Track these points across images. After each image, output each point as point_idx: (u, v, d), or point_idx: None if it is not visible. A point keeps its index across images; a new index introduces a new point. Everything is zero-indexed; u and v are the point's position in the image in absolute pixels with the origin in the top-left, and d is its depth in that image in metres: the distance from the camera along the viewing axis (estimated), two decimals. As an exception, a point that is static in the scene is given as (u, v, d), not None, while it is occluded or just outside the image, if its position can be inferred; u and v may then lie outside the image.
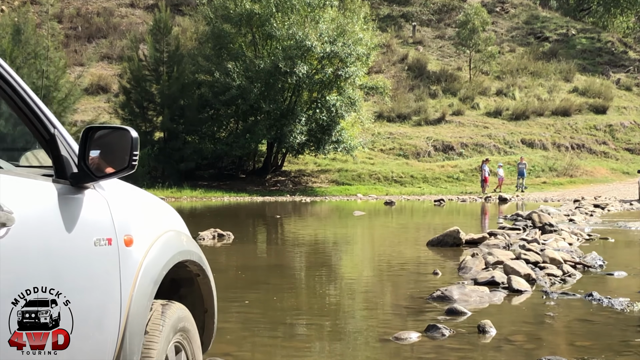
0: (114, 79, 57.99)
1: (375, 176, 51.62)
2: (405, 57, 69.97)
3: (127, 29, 65.88)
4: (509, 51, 74.07)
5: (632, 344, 7.36)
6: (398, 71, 68.19)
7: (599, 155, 59.79)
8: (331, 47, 45.81)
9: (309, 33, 45.59)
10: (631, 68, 73.32)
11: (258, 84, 46.30)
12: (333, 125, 47.74)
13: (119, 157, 3.45)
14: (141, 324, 3.63)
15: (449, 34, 74.81)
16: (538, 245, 14.67)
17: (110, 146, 3.45)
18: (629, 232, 21.16)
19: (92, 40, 67.34)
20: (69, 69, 51.88)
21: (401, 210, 36.24)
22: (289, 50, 45.80)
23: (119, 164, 3.44)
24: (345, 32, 46.38)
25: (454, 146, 57.67)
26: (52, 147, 3.35)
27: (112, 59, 64.06)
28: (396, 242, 20.35)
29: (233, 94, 45.88)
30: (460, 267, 12.84)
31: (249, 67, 46.42)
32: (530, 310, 9.26)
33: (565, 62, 70.93)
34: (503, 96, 65.86)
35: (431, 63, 69.89)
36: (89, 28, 68.57)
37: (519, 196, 45.95)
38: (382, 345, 7.36)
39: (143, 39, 54.88)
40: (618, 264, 13.50)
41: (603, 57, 75.31)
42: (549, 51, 73.96)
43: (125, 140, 3.44)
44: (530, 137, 59.81)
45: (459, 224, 19.56)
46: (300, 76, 45.71)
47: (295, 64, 45.45)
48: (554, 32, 78.73)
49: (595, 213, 29.30)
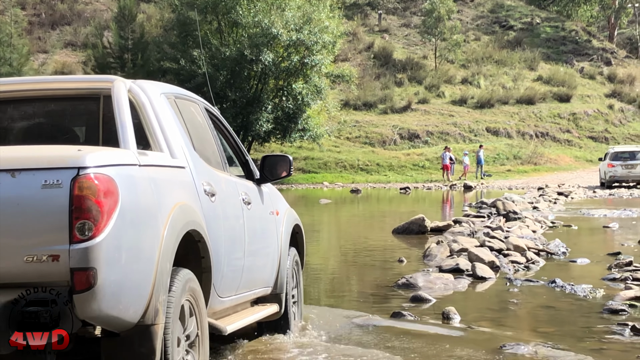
0: (78, 66, 57.51)
1: (341, 164, 51.72)
2: (371, 46, 70.03)
3: (92, 16, 65.35)
4: (474, 40, 74.38)
5: (594, 330, 7.45)
6: (364, 59, 68.25)
7: (562, 144, 60.29)
8: (297, 35, 45.75)
9: (275, 21, 45.49)
10: (595, 57, 73.91)
11: (224, 71, 46.16)
12: (299, 113, 47.72)
13: (283, 169, 6.64)
14: (288, 259, 7.08)
15: (414, 22, 74.97)
16: (502, 233, 14.77)
17: (277, 163, 6.66)
18: (592, 220, 21.38)
19: (56, 27, 66.75)
20: (33, 56, 51.46)
21: (367, 198, 36.36)
22: (255, 38, 45.70)
23: (285, 172, 6.66)
24: (311, 20, 46.32)
25: (419, 134, 57.88)
26: (246, 166, 6.70)
27: (76, 46, 63.53)
28: (362, 229, 20.41)
29: (199, 81, 45.70)
30: (425, 254, 12.91)
31: (215, 55, 46.25)
32: (494, 297, 9.34)
33: (529, 51, 71.35)
34: (468, 84, 66.18)
35: (397, 51, 70.01)
36: (53, 15, 67.94)
37: (484, 184, 46.23)
38: (348, 333, 7.39)
39: (107, 26, 54.54)
40: (581, 251, 13.63)
41: (567, 45, 75.86)
42: (514, 40, 74.36)
43: (286, 160, 6.68)
44: (495, 126, 60.17)
45: (425, 211, 19.66)
46: (266, 64, 45.64)
47: (261, 51, 45.36)
48: (519, 20, 79.14)
49: (558, 201, 29.54)
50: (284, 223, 7.03)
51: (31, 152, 4.38)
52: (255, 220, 6.32)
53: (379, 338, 7.15)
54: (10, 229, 3.95)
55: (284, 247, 6.94)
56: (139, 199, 4.34)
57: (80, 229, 3.94)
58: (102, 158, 4.14)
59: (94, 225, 3.95)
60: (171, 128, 5.18)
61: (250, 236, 6.09)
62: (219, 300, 5.44)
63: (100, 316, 4.02)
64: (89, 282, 3.92)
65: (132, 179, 4.31)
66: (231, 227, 5.72)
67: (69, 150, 4.28)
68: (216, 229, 5.28)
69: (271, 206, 6.82)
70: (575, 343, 6.92)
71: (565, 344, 6.82)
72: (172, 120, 5.24)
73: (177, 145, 5.14)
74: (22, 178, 4.00)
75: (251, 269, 6.15)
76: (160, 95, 5.34)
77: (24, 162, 4.08)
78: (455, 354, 6.55)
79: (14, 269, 3.94)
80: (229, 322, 5.70)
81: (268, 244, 6.65)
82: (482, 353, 6.57)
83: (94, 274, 3.92)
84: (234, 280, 5.75)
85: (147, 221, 4.37)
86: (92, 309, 3.96)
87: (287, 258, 6.96)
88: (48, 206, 3.96)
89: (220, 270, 5.31)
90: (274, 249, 6.76)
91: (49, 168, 4.01)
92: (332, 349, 6.57)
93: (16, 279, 3.95)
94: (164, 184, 4.69)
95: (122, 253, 4.09)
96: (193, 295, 4.81)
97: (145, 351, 4.32)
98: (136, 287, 4.20)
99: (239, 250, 5.85)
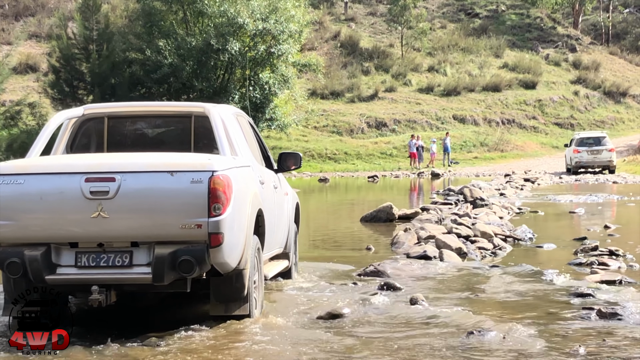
0: (42, 58, 56.94)
1: (309, 153, 51.66)
2: (338, 34, 69.98)
3: (56, 6, 64.72)
4: (440, 27, 74.54)
5: (561, 315, 7.52)
6: (331, 48, 68.18)
7: (529, 130, 60.64)
8: (263, 24, 45.59)
9: (240, 10, 45.30)
10: (560, 43, 74.35)
11: (190, 61, 45.94)
12: (266, 103, 47.57)
13: (294, 162, 9.00)
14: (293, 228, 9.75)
15: (380, 10, 74.99)
16: (469, 220, 14.84)
17: (290, 158, 9.01)
18: (558, 205, 21.54)
19: (20, 19, 66.07)
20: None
21: (335, 186, 36.41)
22: (221, 28, 45.49)
23: (295, 165, 9.01)
24: (277, 9, 46.16)
25: (387, 123, 57.97)
26: (268, 160, 8.89)
27: (40, 38, 62.93)
28: (330, 218, 20.44)
29: (165, 72, 45.44)
30: (393, 242, 12.95)
31: (181, 45, 46.00)
32: (462, 284, 9.38)
33: (495, 38, 71.63)
34: (435, 72, 66.33)
35: (363, 40, 70.01)
36: (17, 6, 67.22)
37: (451, 171, 46.43)
38: (316, 322, 7.41)
39: (72, 16, 53.96)
40: (547, 237, 13.75)
41: (532, 32, 76.24)
42: (479, 27, 74.61)
43: (297, 156, 9.07)
44: (462, 113, 60.40)
45: (392, 199, 19.71)
46: (233, 54, 45.47)
47: (228, 41, 45.17)
48: (484, 8, 79.42)
49: (525, 187, 29.74)
50: (290, 201, 9.69)
51: (181, 159, 6.98)
52: (279, 199, 8.90)
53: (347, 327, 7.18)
54: (171, 208, 6.62)
55: (291, 219, 9.70)
56: (240, 189, 6.96)
57: (214, 209, 6.61)
58: (224, 164, 6.87)
59: (222, 207, 6.64)
60: (240, 139, 7.90)
61: (277, 210, 8.68)
62: (264, 256, 7.88)
63: (221, 262, 6.73)
64: (218, 241, 6.61)
65: (236, 176, 6.94)
66: (270, 204, 8.22)
67: (204, 158, 6.97)
68: (266, 206, 7.83)
69: (284, 189, 9.40)
70: (542, 327, 6.97)
71: (533, 329, 6.87)
72: (239, 132, 8.02)
73: (244, 151, 7.83)
74: (178, 176, 6.66)
75: (276, 233, 8.67)
76: (231, 115, 8.07)
77: (179, 166, 6.73)
78: (423, 341, 6.58)
79: (174, 232, 6.61)
80: (266, 271, 8.36)
81: (284, 217, 9.15)
82: (449, 339, 6.60)
83: (222, 236, 6.62)
84: (269, 242, 8.15)
85: (243, 204, 7.03)
86: (218, 258, 6.67)
87: (292, 227, 9.71)
88: (194, 195, 6.62)
89: (266, 235, 7.84)
90: (286, 220, 9.34)
91: (195, 170, 6.68)
92: (320, 283, 9.61)
93: (175, 239, 6.62)
94: (245, 178, 7.30)
95: (234, 224, 6.79)
96: (258, 253, 7.50)
97: (239, 286, 7.06)
98: (238, 245, 6.87)
99: (273, 221, 8.29)
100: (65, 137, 8.02)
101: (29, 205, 6.67)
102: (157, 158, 7.08)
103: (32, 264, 6.53)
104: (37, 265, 6.53)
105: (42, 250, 6.59)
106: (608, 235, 14.00)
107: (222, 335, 6.81)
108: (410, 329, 7.06)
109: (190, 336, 6.76)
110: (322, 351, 6.33)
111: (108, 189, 6.57)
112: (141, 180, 6.66)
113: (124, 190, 6.58)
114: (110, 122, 8.33)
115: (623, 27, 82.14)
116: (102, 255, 6.67)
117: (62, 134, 8.03)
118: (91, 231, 6.62)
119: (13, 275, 6.65)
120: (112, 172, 6.65)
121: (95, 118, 8.25)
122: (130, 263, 6.65)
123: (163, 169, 6.70)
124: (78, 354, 6.27)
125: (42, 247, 6.61)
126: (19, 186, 6.67)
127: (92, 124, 8.27)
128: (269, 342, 6.53)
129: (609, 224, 15.48)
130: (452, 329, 6.98)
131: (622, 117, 64.59)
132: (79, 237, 6.69)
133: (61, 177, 6.70)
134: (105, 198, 6.56)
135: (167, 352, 6.32)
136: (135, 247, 6.68)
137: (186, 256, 6.53)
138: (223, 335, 6.80)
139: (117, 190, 6.57)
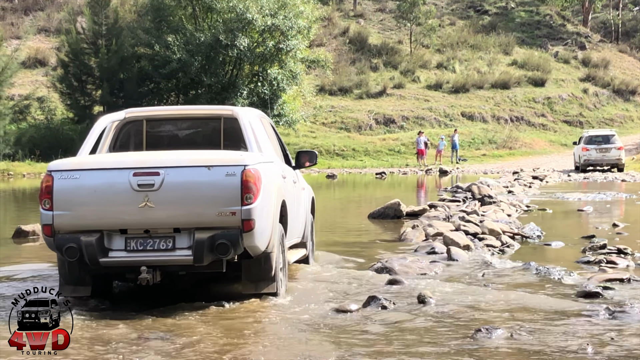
0: (51, 52, 57.05)
1: (317, 149, 51.60)
2: (347, 31, 69.94)
3: (65, 1, 64.84)
4: (449, 24, 74.46)
5: (569, 312, 7.49)
6: (339, 44, 68.16)
7: (537, 128, 60.54)
8: (272, 20, 45.60)
9: (249, 6, 45.33)
10: (569, 41, 74.19)
11: (199, 57, 45.98)
12: (275, 99, 47.59)
13: (310, 160, 9.92)
14: (309, 217, 10.55)
15: (389, 7, 74.92)
16: (477, 217, 14.80)
17: (307, 156, 9.92)
18: (567, 203, 21.48)
19: (29, 13, 66.19)
20: (5, 42, 50.98)
21: (343, 183, 36.39)
22: (230, 23, 45.52)
23: (311, 161, 9.93)
24: (286, 5, 46.19)
25: (395, 119, 57.93)
26: (287, 157, 9.87)
27: (49, 32, 63.03)
28: (338, 215, 20.42)
29: (173, 67, 45.50)
30: (400, 238, 12.93)
31: (190, 40, 46.03)
32: (469, 281, 9.35)
33: (504, 35, 71.52)
34: (443, 69, 66.26)
35: (372, 36, 69.96)
36: (26, 0, 67.36)
37: (459, 168, 46.35)
38: (323, 317, 7.40)
39: (81, 11, 54.06)
40: (555, 235, 13.70)
41: (542, 30, 76.10)
42: (489, 24, 74.49)
43: (313, 154, 10.00)
44: (470, 110, 60.31)
45: (400, 196, 19.68)
46: (241, 49, 45.50)
47: (236, 37, 45.20)
48: (494, 5, 79.31)
49: (533, 184, 29.66)
50: (307, 195, 10.55)
51: (217, 155, 7.96)
52: (297, 193, 9.74)
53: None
54: (209, 198, 7.51)
55: (308, 211, 10.52)
56: (267, 181, 7.82)
57: (246, 198, 7.49)
58: (254, 159, 7.79)
59: (253, 197, 7.51)
60: (264, 138, 8.83)
61: (296, 203, 9.53)
62: (286, 244, 8.69)
63: (253, 246, 7.61)
64: (250, 227, 7.48)
65: (264, 170, 7.84)
66: (291, 197, 9.07)
67: (236, 154, 7.99)
68: (288, 198, 8.70)
69: (301, 184, 10.22)
70: (550, 326, 6.95)
71: (540, 327, 6.85)
72: (264, 132, 8.98)
73: (268, 148, 8.73)
74: (214, 170, 7.54)
75: (296, 223, 9.44)
76: (256, 117, 9.09)
77: (215, 161, 7.63)
78: (429, 338, 6.57)
79: (211, 219, 7.49)
80: (288, 257, 8.98)
81: (301, 208, 9.94)
82: (456, 337, 6.58)
83: (253, 222, 7.49)
84: (291, 231, 8.97)
85: (270, 195, 7.89)
86: (250, 242, 7.55)
87: (309, 218, 10.54)
88: (229, 186, 7.50)
89: (288, 224, 8.70)
90: (304, 212, 10.13)
91: (229, 165, 7.56)
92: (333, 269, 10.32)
93: (212, 225, 7.50)
94: (271, 172, 8.15)
95: (263, 212, 7.66)
96: (282, 240, 8.36)
97: (267, 267, 7.92)
98: (266, 231, 7.74)
99: (293, 212, 9.09)
100: (110, 138, 8.96)
101: (84, 198, 7.57)
102: (195, 154, 8.00)
103: (88, 249, 7.43)
104: (93, 249, 7.44)
105: (96, 236, 7.50)
106: (616, 233, 13.95)
107: (253, 309, 7.85)
108: (417, 325, 7.04)
109: (225, 309, 7.84)
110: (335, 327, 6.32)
111: (153, 182, 7.48)
112: (182, 174, 7.55)
113: (167, 183, 7.49)
114: (149, 124, 9.35)
115: (633, 25, 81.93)
116: (149, 240, 7.58)
117: (107, 134, 8.93)
118: (139, 219, 7.53)
119: (70, 259, 7.54)
120: (157, 167, 7.55)
121: (135, 121, 9.22)
122: (173, 247, 7.57)
123: (201, 164, 7.61)
124: (141, 320, 7.38)
125: (96, 234, 7.52)
126: (75, 181, 7.57)
127: (132, 126, 9.25)
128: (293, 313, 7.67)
129: (618, 222, 15.42)
130: (460, 325, 6.95)
131: (631, 115, 64.44)
132: (128, 224, 7.58)
133: (112, 172, 7.64)
134: (151, 190, 7.47)
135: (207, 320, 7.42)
136: (177, 232, 7.59)
137: (223, 240, 7.42)
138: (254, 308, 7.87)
139: (161, 183, 7.48)
